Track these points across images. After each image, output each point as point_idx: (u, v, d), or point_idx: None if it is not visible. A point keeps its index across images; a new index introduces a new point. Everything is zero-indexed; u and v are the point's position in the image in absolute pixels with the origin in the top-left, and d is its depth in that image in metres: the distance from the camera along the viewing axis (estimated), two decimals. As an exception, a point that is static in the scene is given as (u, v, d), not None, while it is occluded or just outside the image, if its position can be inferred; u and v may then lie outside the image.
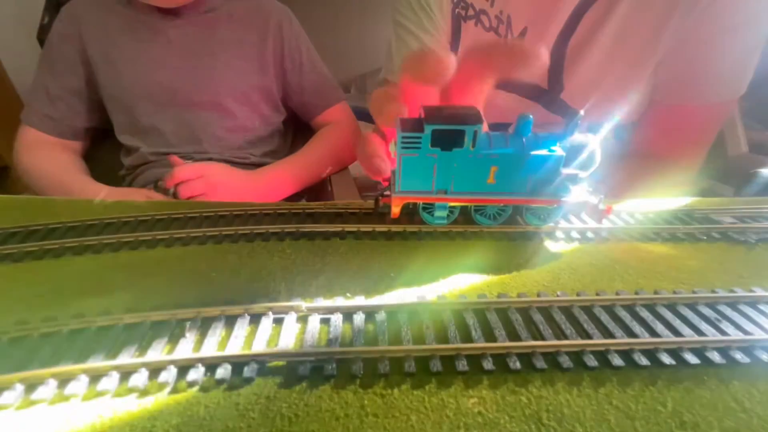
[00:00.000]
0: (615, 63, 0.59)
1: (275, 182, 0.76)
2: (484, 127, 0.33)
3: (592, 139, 0.33)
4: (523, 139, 0.33)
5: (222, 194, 0.68)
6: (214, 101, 0.78)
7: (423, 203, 0.35)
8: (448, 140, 0.31)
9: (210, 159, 0.78)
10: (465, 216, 0.37)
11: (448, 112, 0.31)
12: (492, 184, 0.34)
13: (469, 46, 0.32)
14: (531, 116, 0.33)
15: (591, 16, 0.57)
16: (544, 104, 0.64)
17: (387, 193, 0.36)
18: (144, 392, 0.23)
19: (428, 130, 0.31)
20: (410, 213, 0.38)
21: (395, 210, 0.35)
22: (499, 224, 0.37)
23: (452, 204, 0.35)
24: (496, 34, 0.62)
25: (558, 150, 0.32)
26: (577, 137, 0.33)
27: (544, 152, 0.32)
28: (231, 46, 0.78)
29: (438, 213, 0.36)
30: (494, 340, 0.25)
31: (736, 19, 0.53)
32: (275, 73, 0.82)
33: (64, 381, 0.23)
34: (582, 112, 0.32)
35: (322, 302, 0.28)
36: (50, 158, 0.76)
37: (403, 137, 0.32)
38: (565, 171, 0.33)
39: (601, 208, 0.34)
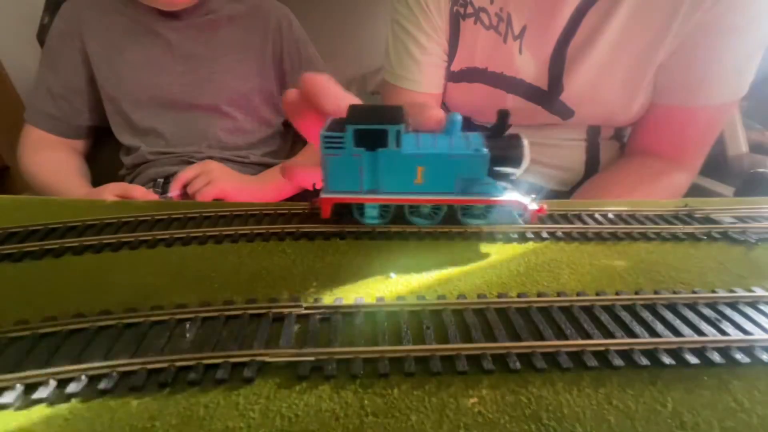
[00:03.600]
0: (616, 65, 0.59)
1: (278, 189, 0.76)
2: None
3: (521, 138, 0.33)
4: (451, 140, 0.33)
5: (224, 194, 0.68)
6: (214, 104, 0.78)
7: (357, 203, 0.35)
8: (371, 140, 0.32)
9: (210, 159, 0.78)
10: (400, 216, 0.37)
11: (372, 112, 0.32)
12: (420, 185, 0.34)
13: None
14: (460, 116, 0.34)
15: (592, 17, 0.57)
16: (544, 106, 0.64)
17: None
18: (144, 392, 0.23)
19: (350, 129, 0.31)
20: (341, 213, 0.37)
21: (325, 211, 0.35)
22: (437, 224, 0.37)
23: (383, 203, 0.35)
24: (496, 33, 0.62)
25: (483, 149, 0.32)
26: (507, 136, 0.33)
27: (468, 151, 0.32)
28: (231, 49, 0.78)
29: (369, 213, 0.35)
30: (494, 340, 0.25)
31: (738, 20, 0.53)
32: (275, 74, 0.82)
33: (64, 381, 0.23)
34: (509, 111, 0.33)
35: (322, 302, 0.28)
36: (49, 158, 0.76)
37: (325, 137, 0.32)
38: (496, 170, 0.33)
39: (532, 208, 0.34)
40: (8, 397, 0.22)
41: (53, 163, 0.76)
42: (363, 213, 0.36)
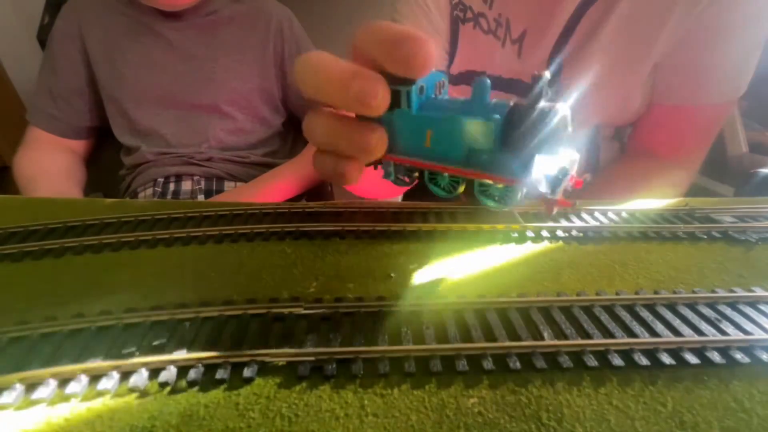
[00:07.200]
0: (614, 63, 0.59)
1: (276, 192, 0.76)
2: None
3: (560, 107, 0.26)
4: (470, 104, 0.29)
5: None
6: (215, 105, 0.78)
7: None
8: (392, 101, 0.29)
9: (209, 159, 0.78)
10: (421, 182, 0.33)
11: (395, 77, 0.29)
12: (430, 149, 0.30)
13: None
14: (487, 80, 0.29)
15: (590, 16, 0.57)
16: None
17: None
18: (144, 392, 0.23)
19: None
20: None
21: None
22: (453, 198, 0.33)
23: (398, 164, 0.32)
24: (494, 37, 0.62)
25: (495, 115, 0.27)
26: (539, 105, 0.26)
27: (475, 116, 0.28)
28: (232, 50, 0.78)
29: (385, 168, 0.33)
30: (494, 340, 0.25)
31: (736, 18, 0.53)
32: (276, 75, 0.82)
33: (64, 381, 0.23)
34: (547, 74, 0.26)
35: (322, 302, 0.28)
36: (36, 158, 0.76)
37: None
38: (513, 142, 0.27)
39: (551, 198, 0.27)
40: (8, 397, 0.22)
41: (40, 161, 0.76)
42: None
